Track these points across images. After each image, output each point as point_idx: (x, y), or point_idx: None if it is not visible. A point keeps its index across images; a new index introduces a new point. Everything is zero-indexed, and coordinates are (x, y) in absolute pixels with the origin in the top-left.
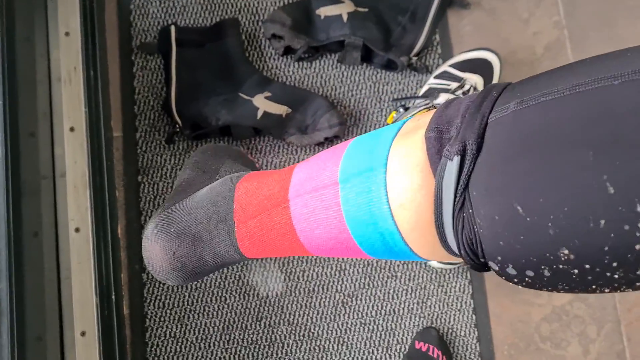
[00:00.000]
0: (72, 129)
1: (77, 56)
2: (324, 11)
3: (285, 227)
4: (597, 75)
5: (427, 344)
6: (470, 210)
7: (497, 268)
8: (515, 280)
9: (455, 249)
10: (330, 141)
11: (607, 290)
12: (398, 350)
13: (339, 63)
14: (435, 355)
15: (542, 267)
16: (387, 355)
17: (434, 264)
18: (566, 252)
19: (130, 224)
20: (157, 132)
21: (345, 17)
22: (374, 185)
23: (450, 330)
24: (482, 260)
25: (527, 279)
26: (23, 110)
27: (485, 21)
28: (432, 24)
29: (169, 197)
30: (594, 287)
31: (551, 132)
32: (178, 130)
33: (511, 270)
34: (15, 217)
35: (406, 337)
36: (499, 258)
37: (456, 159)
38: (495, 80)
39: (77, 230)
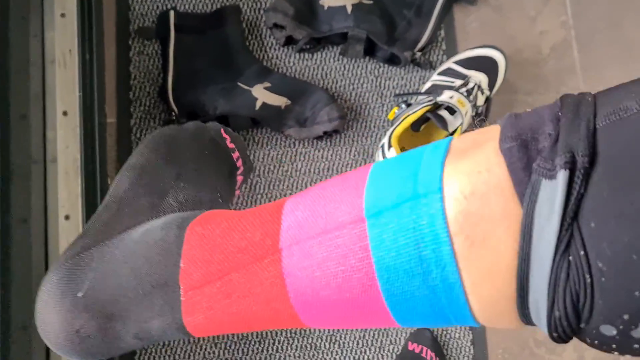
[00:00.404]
0: (65, 113)
1: (72, 38)
2: (328, 2)
3: (272, 289)
4: None
5: (420, 346)
6: (582, 253)
7: (614, 332)
8: (636, 346)
9: (540, 312)
10: (329, 135)
11: None
12: (391, 351)
13: (341, 55)
14: (428, 357)
15: None
16: (380, 355)
17: None
18: None
19: None
20: (153, 120)
21: (349, 9)
22: (426, 217)
23: (444, 332)
24: (581, 326)
25: None
26: (15, 91)
27: (491, 18)
28: (437, 19)
29: (88, 225)
30: None
31: None
32: (174, 118)
33: (638, 333)
34: (3, 203)
35: (399, 338)
36: (626, 317)
37: (562, 175)
38: (500, 79)
39: (67, 217)
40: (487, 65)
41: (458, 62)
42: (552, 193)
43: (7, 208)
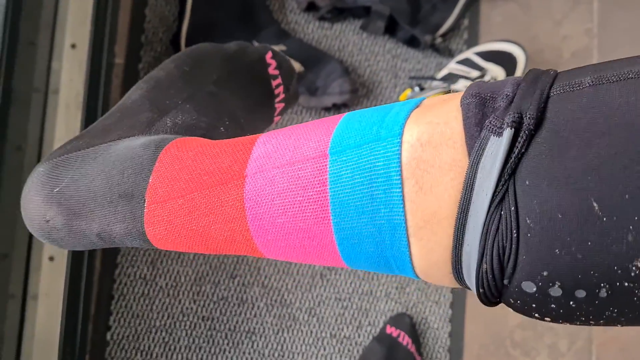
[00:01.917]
0: (73, 46)
1: None
2: None
3: (232, 210)
4: None
5: (398, 330)
6: (513, 208)
7: (533, 289)
8: (552, 306)
9: (470, 266)
10: (338, 108)
11: None
12: (368, 332)
13: (361, 30)
14: (405, 343)
15: (602, 285)
16: (357, 334)
17: None
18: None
19: None
20: None
21: None
22: (382, 159)
23: (423, 321)
24: (505, 282)
25: (571, 302)
26: (26, 15)
27: (517, 15)
28: (463, 7)
29: (90, 127)
30: None
31: None
32: None
33: (556, 291)
34: (1, 126)
35: (379, 320)
36: (545, 274)
37: (507, 133)
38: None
39: None
40: (506, 61)
41: (478, 54)
42: (496, 149)
43: (3, 132)
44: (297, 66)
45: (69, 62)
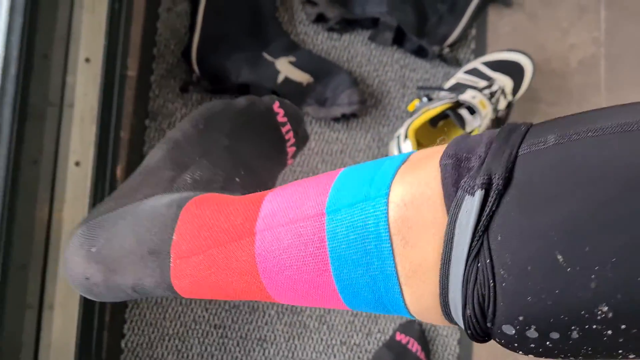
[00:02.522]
0: (87, 60)
1: None
2: None
3: (245, 265)
4: None
5: (408, 337)
6: (488, 261)
7: (513, 332)
8: (532, 345)
9: (457, 310)
10: (347, 118)
11: (631, 356)
12: (378, 339)
13: (369, 40)
14: (414, 350)
15: (573, 327)
16: (367, 341)
17: None
18: (605, 309)
19: (130, 166)
20: (173, 79)
21: None
22: (372, 218)
23: (433, 328)
24: (488, 325)
25: (547, 343)
26: (41, 30)
27: (524, 24)
28: (470, 17)
29: (120, 187)
30: (620, 351)
31: (606, 171)
32: (195, 80)
33: (532, 334)
34: (18, 140)
35: (388, 327)
36: (521, 318)
37: (479, 194)
38: (525, 86)
39: (77, 163)
40: (513, 70)
41: (485, 63)
42: (471, 207)
43: (19, 147)
44: (306, 78)
45: (83, 75)
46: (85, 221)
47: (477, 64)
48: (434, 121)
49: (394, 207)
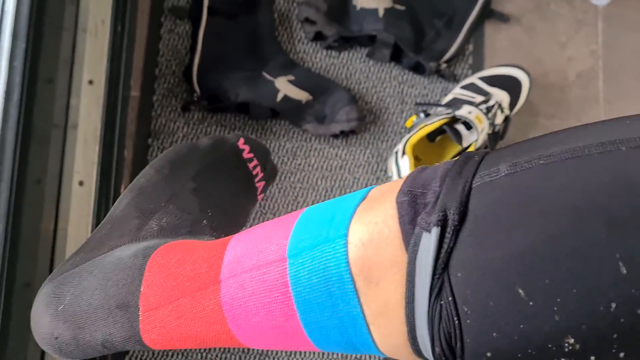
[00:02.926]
0: (91, 82)
1: (106, 9)
2: (361, 2)
3: (212, 314)
4: (597, 140)
5: None
6: (450, 298)
7: None
8: None
9: (427, 347)
10: (345, 135)
11: None
12: None
13: (367, 57)
14: None
15: None
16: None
17: None
18: (571, 341)
19: None
20: (175, 98)
21: (381, 12)
22: (333, 260)
23: None
24: None
25: None
26: (45, 54)
27: (521, 38)
28: (467, 33)
29: (87, 239)
30: None
31: (555, 201)
32: (196, 99)
33: None
34: (21, 161)
35: None
36: (489, 354)
37: (435, 231)
38: (522, 100)
39: (81, 183)
40: (510, 85)
41: (482, 79)
42: (428, 245)
43: (23, 167)
44: (304, 95)
45: (86, 97)
46: (50, 279)
47: (474, 79)
48: (431, 136)
49: (352, 248)
